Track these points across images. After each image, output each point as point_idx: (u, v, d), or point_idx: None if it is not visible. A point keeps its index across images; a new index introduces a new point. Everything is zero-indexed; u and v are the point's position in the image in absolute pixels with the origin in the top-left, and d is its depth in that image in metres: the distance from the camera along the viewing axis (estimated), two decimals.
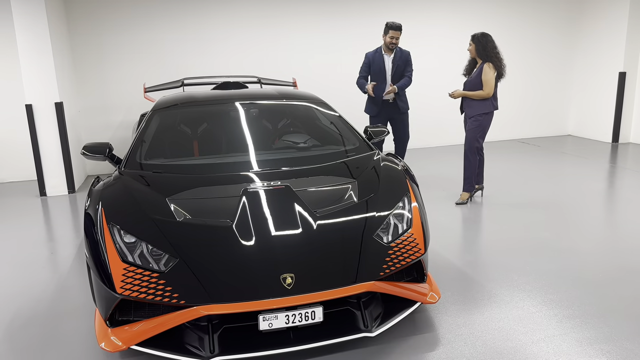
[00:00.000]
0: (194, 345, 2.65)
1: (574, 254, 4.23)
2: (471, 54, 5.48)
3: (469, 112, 5.51)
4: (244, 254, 2.77)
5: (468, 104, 5.51)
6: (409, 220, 3.13)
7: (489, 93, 5.33)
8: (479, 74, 5.37)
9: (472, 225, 5.05)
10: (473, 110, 5.46)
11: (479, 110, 5.43)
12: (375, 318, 2.85)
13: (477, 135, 5.49)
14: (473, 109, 5.46)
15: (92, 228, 2.94)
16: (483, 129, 5.50)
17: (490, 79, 5.30)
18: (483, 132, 5.51)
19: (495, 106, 5.46)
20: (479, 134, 5.49)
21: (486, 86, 5.31)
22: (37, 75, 6.33)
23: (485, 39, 5.37)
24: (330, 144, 4.15)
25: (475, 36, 5.41)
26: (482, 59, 5.38)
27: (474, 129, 5.47)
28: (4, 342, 3.12)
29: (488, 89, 5.32)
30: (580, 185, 6.33)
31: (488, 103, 5.44)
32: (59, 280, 4.01)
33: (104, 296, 2.72)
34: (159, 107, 4.26)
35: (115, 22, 7.48)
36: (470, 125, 5.49)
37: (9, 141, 7.33)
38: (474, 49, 5.40)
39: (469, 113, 5.50)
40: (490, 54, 5.34)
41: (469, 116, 5.50)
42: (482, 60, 5.39)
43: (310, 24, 8.26)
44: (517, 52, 9.35)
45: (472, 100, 5.46)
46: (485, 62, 5.35)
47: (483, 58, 5.37)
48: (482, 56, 5.38)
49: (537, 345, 2.93)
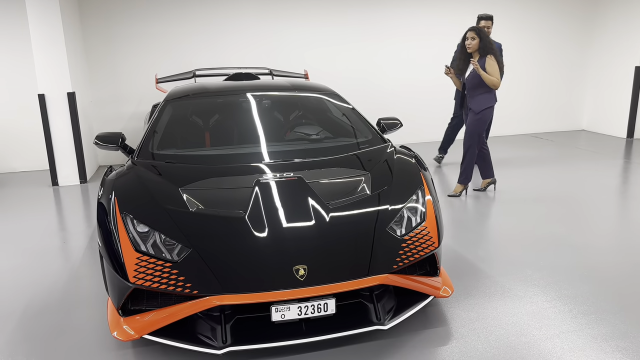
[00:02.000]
0: (207, 335, 2.64)
1: (588, 249, 4.18)
2: (472, 48, 5.30)
3: (475, 107, 5.41)
4: (256, 245, 2.75)
5: (473, 98, 5.42)
6: (422, 214, 3.11)
7: (499, 81, 5.27)
8: (482, 68, 5.28)
9: (485, 219, 5.00)
10: (480, 104, 5.38)
11: (486, 104, 5.37)
12: (387, 311, 2.83)
13: (482, 129, 5.44)
14: (480, 103, 5.38)
15: (105, 217, 2.94)
16: (486, 123, 5.45)
17: (497, 69, 5.24)
18: (486, 126, 5.46)
19: (496, 98, 5.43)
20: (483, 128, 5.44)
21: (497, 75, 5.24)
22: (50, 65, 6.35)
23: (485, 33, 5.29)
24: (343, 136, 4.12)
25: (480, 30, 5.29)
26: (484, 53, 5.29)
27: (478, 123, 5.41)
28: (18, 330, 3.14)
29: (499, 78, 5.26)
30: (594, 181, 6.25)
31: (492, 96, 5.39)
32: (71, 269, 4.03)
33: (116, 285, 2.72)
34: (171, 98, 4.26)
35: (126, 14, 7.48)
36: (474, 118, 5.41)
37: (22, 131, 7.38)
38: (478, 43, 5.27)
39: (476, 107, 5.40)
40: (492, 47, 5.29)
41: (475, 111, 5.41)
42: (481, 55, 5.30)
43: (321, 16, 8.21)
44: (532, 47, 9.26)
45: (477, 95, 5.38)
46: (485, 55, 5.28)
47: (485, 52, 5.29)
48: (485, 50, 5.28)
49: (551, 340, 2.89)
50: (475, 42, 5.27)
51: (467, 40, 5.33)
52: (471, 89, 5.42)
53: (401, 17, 8.47)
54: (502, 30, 9.03)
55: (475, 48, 5.31)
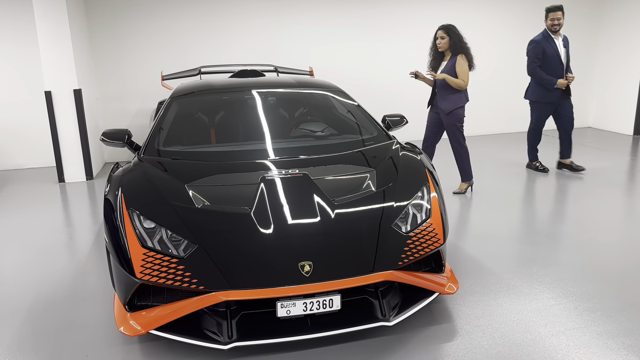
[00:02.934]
0: (213, 330, 2.66)
1: (594, 247, 4.17)
2: (442, 47, 5.28)
3: (446, 107, 5.36)
4: (262, 241, 2.76)
5: (444, 98, 5.38)
6: (427, 210, 3.11)
7: (467, 84, 5.25)
8: (452, 67, 5.26)
9: (490, 216, 4.99)
10: (451, 104, 5.35)
11: (457, 103, 5.35)
12: (392, 307, 2.84)
13: (460, 128, 5.44)
14: (451, 102, 5.35)
15: (112, 213, 2.95)
16: (462, 121, 5.43)
17: (466, 70, 5.23)
18: (462, 124, 5.45)
19: (467, 98, 5.41)
20: (460, 126, 5.44)
21: (465, 77, 5.23)
22: (57, 62, 6.38)
23: (457, 31, 5.27)
24: (348, 133, 4.12)
25: (449, 28, 5.26)
26: (455, 52, 5.26)
27: (455, 122, 5.39)
28: (26, 325, 3.16)
29: (466, 80, 5.24)
30: (600, 178, 6.22)
31: (463, 95, 5.37)
32: (77, 265, 4.06)
33: (123, 281, 2.74)
34: (177, 95, 4.27)
35: (132, 10, 7.50)
36: (450, 119, 5.38)
37: (28, 128, 7.42)
38: (448, 42, 5.24)
39: (447, 108, 5.36)
40: (464, 46, 5.26)
41: (445, 111, 5.37)
42: (453, 53, 5.27)
43: (326, 13, 8.20)
44: None
45: (448, 95, 5.34)
46: (457, 54, 5.25)
47: (456, 51, 5.26)
48: (455, 49, 5.25)
49: (556, 337, 2.89)
50: (445, 40, 5.25)
51: (437, 39, 5.32)
52: (442, 88, 5.38)
53: (405, 15, 8.45)
54: (507, 28, 9.01)
55: (445, 47, 5.29)
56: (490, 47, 9.00)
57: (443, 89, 5.37)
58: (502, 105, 9.35)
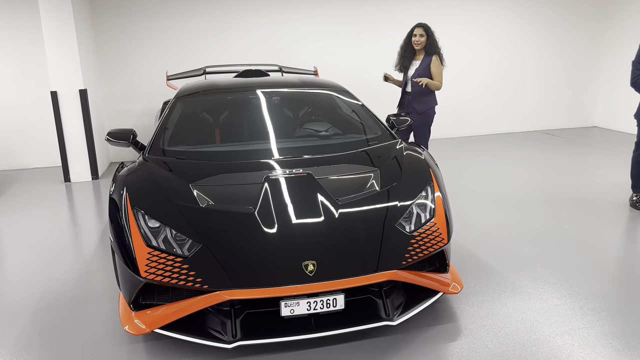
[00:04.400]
0: (217, 329, 2.67)
1: (599, 246, 4.15)
2: (420, 45, 5.24)
3: (420, 108, 5.33)
4: (266, 241, 2.77)
5: (418, 100, 5.34)
6: (432, 210, 3.10)
7: (441, 84, 5.25)
8: (427, 67, 5.25)
9: (494, 216, 4.98)
10: (425, 105, 5.33)
11: (431, 104, 5.34)
12: (396, 307, 2.84)
13: (429, 129, 5.43)
14: (424, 104, 5.33)
15: (117, 213, 2.97)
16: (430, 123, 5.42)
17: (441, 71, 5.22)
18: (430, 125, 5.44)
19: (436, 101, 5.41)
20: (429, 127, 5.43)
21: (440, 78, 5.22)
22: (62, 62, 6.41)
23: (433, 31, 5.25)
24: (352, 133, 4.12)
25: (429, 28, 5.24)
26: (430, 52, 5.24)
27: (425, 124, 5.38)
28: (31, 323, 3.18)
29: (442, 81, 5.24)
30: (606, 177, 6.20)
31: (434, 96, 5.37)
32: (83, 264, 4.08)
33: (128, 280, 2.75)
34: (181, 95, 4.28)
35: (136, 10, 7.52)
36: (421, 120, 5.35)
37: (34, 128, 7.45)
38: (426, 40, 5.21)
39: (420, 108, 5.33)
40: (438, 46, 5.25)
41: (419, 111, 5.33)
42: (428, 53, 5.25)
43: (331, 12, 8.20)
44: (545, 43, 9.18)
45: (422, 96, 5.31)
46: (432, 54, 5.23)
47: (432, 50, 5.24)
48: (431, 48, 5.23)
49: (561, 337, 2.88)
50: (424, 39, 5.23)
51: (415, 37, 5.27)
52: (416, 87, 5.32)
53: (411, 12, 8.44)
54: (514, 26, 8.99)
55: (422, 45, 5.26)
56: (492, 47, 8.98)
57: (417, 90, 5.33)
58: (505, 105, 9.34)
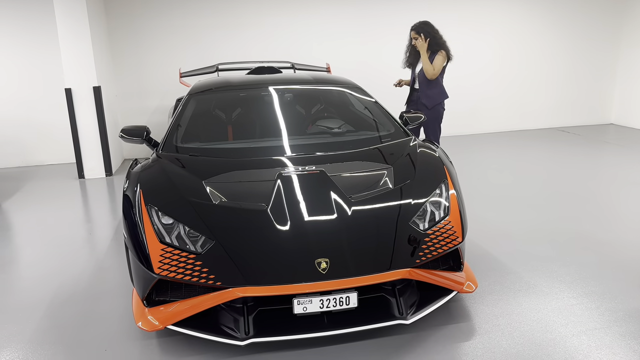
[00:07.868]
0: (229, 326, 2.67)
1: (615, 245, 4.09)
2: (422, 48, 5.17)
3: (429, 103, 5.27)
4: (279, 238, 2.76)
5: (426, 95, 5.28)
6: (446, 208, 3.07)
7: (436, 73, 5.17)
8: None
9: (509, 214, 4.92)
10: (433, 100, 5.27)
11: (440, 99, 5.28)
12: (410, 306, 2.81)
13: (440, 124, 5.36)
14: (432, 98, 5.27)
15: (131, 209, 2.98)
16: (440, 117, 5.35)
17: (440, 64, 5.17)
18: (441, 120, 5.38)
19: (447, 95, 5.35)
20: (440, 122, 5.36)
21: (438, 68, 5.16)
22: (77, 59, 6.46)
23: (432, 28, 5.19)
24: (365, 130, 4.10)
25: (420, 27, 5.18)
26: (434, 49, 5.19)
27: (435, 119, 5.32)
28: (46, 318, 3.21)
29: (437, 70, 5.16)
30: (622, 175, 6.10)
31: (444, 91, 5.31)
32: (97, 260, 4.11)
33: (141, 276, 2.76)
34: (195, 92, 4.29)
35: (150, 8, 7.56)
36: (431, 116, 5.27)
37: (49, 125, 7.53)
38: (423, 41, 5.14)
39: (429, 103, 5.27)
40: (441, 41, 5.18)
41: (428, 106, 5.27)
42: (433, 51, 5.19)
43: (343, 8, 8.17)
44: (560, 40, 9.08)
45: (429, 90, 5.26)
46: (436, 51, 5.17)
47: (435, 47, 5.18)
48: (434, 46, 5.17)
49: (577, 337, 2.84)
50: (419, 41, 5.18)
51: (412, 41, 5.29)
52: (423, 84, 5.28)
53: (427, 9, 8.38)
54: (530, 24, 8.88)
55: (420, 46, 5.19)
56: (509, 44, 8.88)
57: (425, 85, 5.29)
58: (520, 102, 9.25)
